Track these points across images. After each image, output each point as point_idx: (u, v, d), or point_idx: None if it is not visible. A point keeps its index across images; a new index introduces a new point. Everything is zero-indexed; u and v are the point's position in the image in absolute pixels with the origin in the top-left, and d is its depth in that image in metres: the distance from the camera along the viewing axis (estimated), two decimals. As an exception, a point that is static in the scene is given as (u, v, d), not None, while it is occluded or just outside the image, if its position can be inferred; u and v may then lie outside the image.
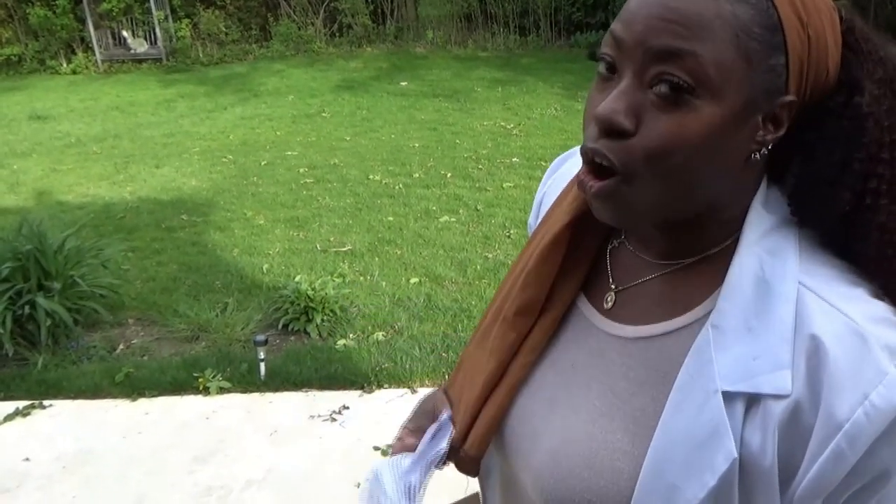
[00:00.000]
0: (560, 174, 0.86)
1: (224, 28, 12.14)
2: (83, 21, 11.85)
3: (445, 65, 10.91)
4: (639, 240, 0.73)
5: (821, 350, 0.57)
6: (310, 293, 3.70)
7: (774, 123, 0.61)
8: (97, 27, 11.86)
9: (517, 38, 11.90)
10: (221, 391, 3.23)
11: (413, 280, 4.24)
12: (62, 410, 3.17)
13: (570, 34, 11.78)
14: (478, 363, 0.77)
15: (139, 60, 11.96)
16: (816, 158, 0.62)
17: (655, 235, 0.70)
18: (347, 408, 3.10)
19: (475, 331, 0.81)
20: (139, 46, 12.11)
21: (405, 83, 9.96)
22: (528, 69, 10.44)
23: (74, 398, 3.24)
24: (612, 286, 0.73)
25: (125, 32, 12.11)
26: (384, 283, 4.21)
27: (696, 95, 0.57)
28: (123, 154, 7.26)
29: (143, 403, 3.20)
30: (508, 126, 7.74)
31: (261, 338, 3.28)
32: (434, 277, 4.27)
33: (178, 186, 6.18)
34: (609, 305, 0.73)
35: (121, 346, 3.66)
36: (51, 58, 11.89)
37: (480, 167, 6.37)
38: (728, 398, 0.59)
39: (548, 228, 0.76)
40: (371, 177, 6.19)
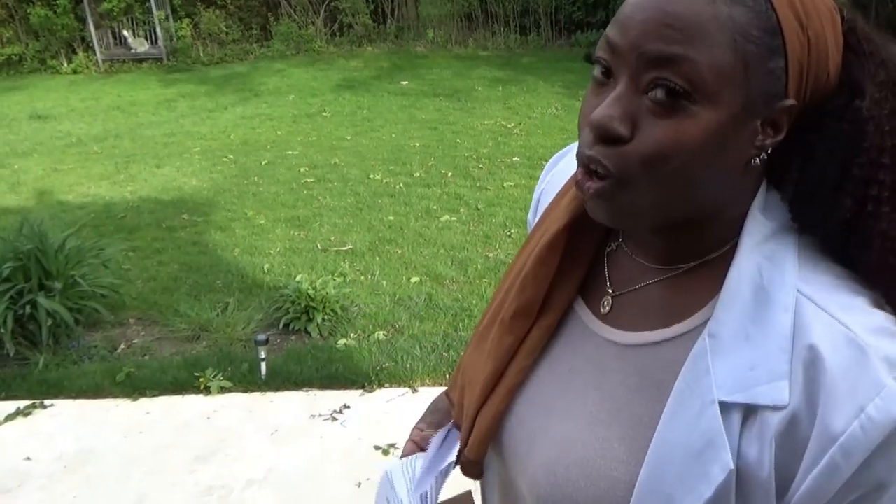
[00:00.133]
0: (557, 171, 0.86)
1: (225, 28, 12.15)
2: (84, 21, 11.87)
3: (446, 64, 10.91)
4: (636, 243, 0.72)
5: (818, 361, 0.56)
6: (310, 293, 3.71)
7: (774, 128, 0.60)
8: (98, 27, 11.87)
9: (518, 38, 11.91)
10: (222, 391, 3.24)
11: (414, 279, 4.24)
12: (63, 410, 3.17)
13: (571, 33, 11.79)
14: (476, 366, 0.77)
15: (140, 60, 11.97)
16: (816, 162, 0.61)
17: (652, 239, 0.69)
18: (348, 407, 3.10)
19: (474, 332, 0.81)
20: (140, 46, 12.12)
21: (406, 82, 9.96)
22: (529, 68, 10.44)
23: (75, 398, 3.24)
24: (610, 290, 0.73)
25: (126, 32, 12.12)
26: (385, 283, 4.21)
27: (693, 101, 0.56)
28: (124, 154, 7.26)
29: (144, 403, 3.21)
30: (509, 125, 7.74)
31: (262, 337, 3.28)
32: (435, 277, 4.27)
33: (179, 186, 6.18)
34: (606, 310, 0.72)
35: (122, 346, 3.67)
36: (51, 57, 11.91)
37: (481, 166, 6.37)
38: (725, 408, 0.59)
39: (545, 230, 0.75)
40: (372, 176, 6.19)
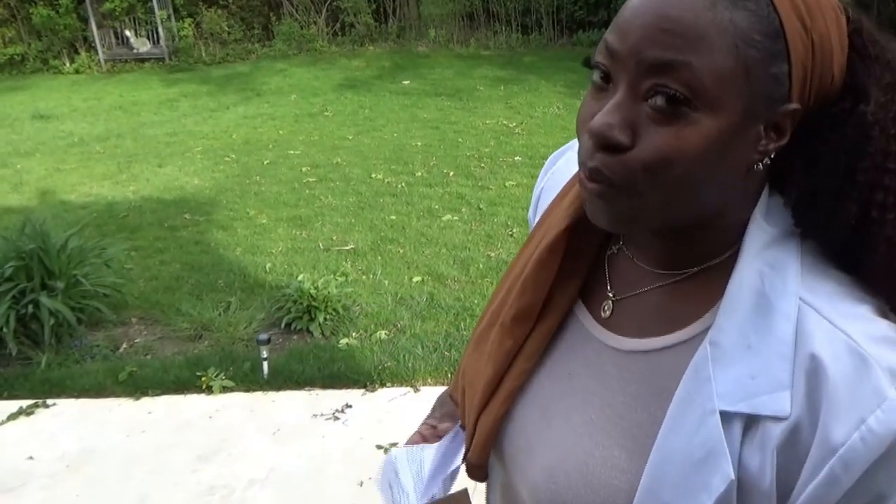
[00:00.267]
0: (557, 168, 0.85)
1: (227, 27, 12.17)
2: (86, 21, 11.89)
3: (448, 63, 10.91)
4: (637, 247, 0.72)
5: (820, 370, 0.56)
6: (312, 292, 3.71)
7: (777, 132, 0.59)
8: (100, 27, 11.89)
9: (519, 37, 11.90)
10: (224, 390, 3.24)
11: (416, 279, 4.24)
12: (65, 409, 3.17)
13: (573, 32, 11.78)
14: (476, 368, 0.77)
15: (142, 60, 11.99)
16: (820, 167, 0.60)
17: (654, 242, 0.68)
18: (350, 406, 3.10)
19: (473, 332, 0.81)
20: (142, 46, 12.13)
21: (407, 82, 9.96)
22: (531, 67, 10.43)
23: (78, 397, 3.25)
24: (611, 294, 0.72)
25: (128, 32, 12.15)
26: (387, 282, 4.21)
27: (693, 107, 0.55)
28: (126, 153, 7.27)
29: (147, 402, 3.21)
30: (511, 124, 7.73)
31: (264, 337, 3.29)
32: (436, 276, 4.27)
33: (181, 186, 6.18)
34: (607, 314, 0.71)
35: (124, 346, 3.67)
36: (54, 57, 11.93)
37: (483, 166, 6.37)
38: (726, 418, 0.58)
39: (545, 232, 0.75)
40: (373, 175, 6.19)
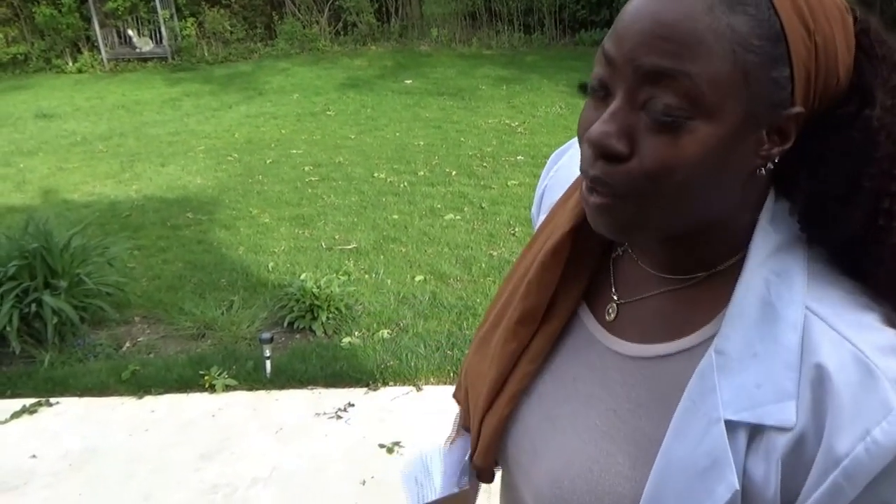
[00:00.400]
0: (560, 166, 0.85)
1: (229, 27, 12.18)
2: (89, 20, 11.90)
3: (450, 63, 10.91)
4: (642, 250, 0.71)
5: (826, 380, 0.55)
6: (315, 291, 3.71)
7: (780, 136, 0.58)
8: (103, 26, 11.91)
9: (522, 36, 11.90)
10: (227, 389, 3.24)
11: (418, 278, 4.24)
12: (68, 408, 3.18)
13: (575, 32, 11.78)
14: (479, 370, 0.76)
15: (145, 59, 12.00)
16: (825, 173, 0.59)
17: (658, 248, 0.68)
18: (353, 405, 3.11)
19: (476, 333, 0.81)
20: (144, 45, 12.15)
21: (410, 81, 9.96)
22: (533, 67, 10.43)
23: (81, 396, 3.25)
24: (615, 297, 0.72)
25: (131, 31, 12.16)
26: (389, 281, 4.21)
27: (692, 116, 0.54)
28: (129, 152, 7.28)
29: (149, 401, 3.21)
30: (513, 124, 7.73)
31: (266, 336, 3.29)
32: (439, 275, 4.27)
33: (184, 185, 6.19)
34: (611, 318, 0.71)
35: (127, 344, 3.68)
36: (56, 57, 11.94)
37: (485, 165, 6.37)
38: (731, 427, 0.57)
39: (550, 233, 0.74)
40: (376, 175, 6.19)
